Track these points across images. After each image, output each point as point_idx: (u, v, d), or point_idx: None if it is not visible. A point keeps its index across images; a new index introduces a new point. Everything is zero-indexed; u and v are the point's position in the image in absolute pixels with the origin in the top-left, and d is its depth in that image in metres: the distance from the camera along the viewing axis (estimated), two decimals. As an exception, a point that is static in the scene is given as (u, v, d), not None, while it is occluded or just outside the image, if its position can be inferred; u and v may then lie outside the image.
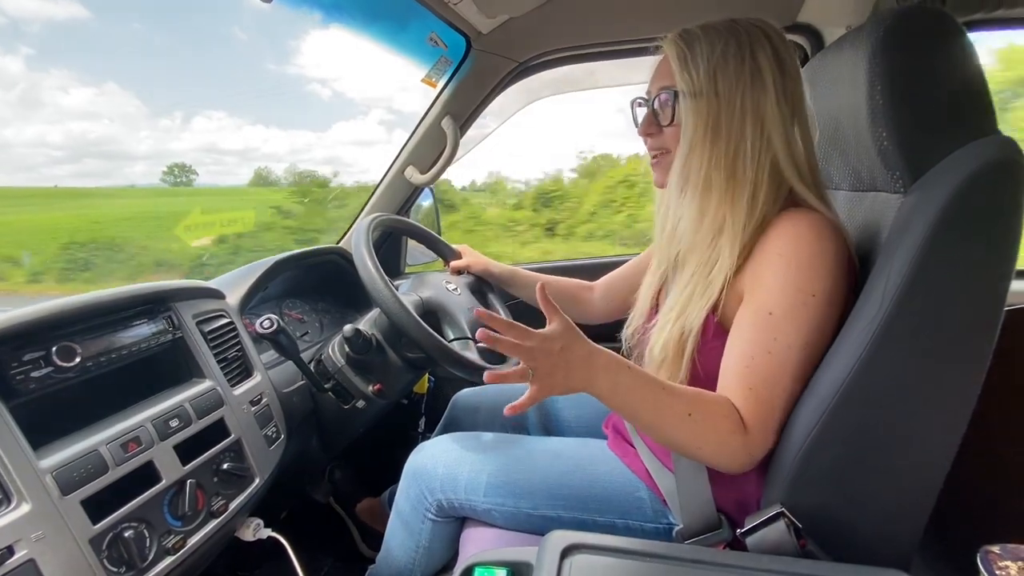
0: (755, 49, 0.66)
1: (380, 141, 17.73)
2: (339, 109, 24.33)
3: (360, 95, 25.50)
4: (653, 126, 0.74)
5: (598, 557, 0.61)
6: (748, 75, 0.65)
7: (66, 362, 0.59)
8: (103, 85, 38.71)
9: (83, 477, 0.56)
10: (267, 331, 0.81)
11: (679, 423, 0.62)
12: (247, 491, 0.75)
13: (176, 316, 0.75)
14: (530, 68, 1.22)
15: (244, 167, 22.83)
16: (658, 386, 0.62)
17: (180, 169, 6.94)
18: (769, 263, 0.63)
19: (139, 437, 0.62)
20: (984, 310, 0.56)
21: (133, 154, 21.66)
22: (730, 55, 0.65)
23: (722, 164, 0.66)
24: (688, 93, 0.67)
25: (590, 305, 1.08)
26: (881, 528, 0.62)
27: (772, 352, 0.62)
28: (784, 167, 0.66)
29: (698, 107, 0.66)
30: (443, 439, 0.93)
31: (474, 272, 1.12)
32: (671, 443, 0.65)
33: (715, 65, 0.65)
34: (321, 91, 25.92)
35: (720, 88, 0.65)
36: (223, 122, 21.45)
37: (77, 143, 5.95)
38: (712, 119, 0.66)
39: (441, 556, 0.91)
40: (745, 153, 0.66)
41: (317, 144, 16.42)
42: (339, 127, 21.21)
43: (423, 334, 0.83)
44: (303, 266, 1.15)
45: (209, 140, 21.07)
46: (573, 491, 0.79)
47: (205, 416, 0.71)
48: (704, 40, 0.67)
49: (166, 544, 0.62)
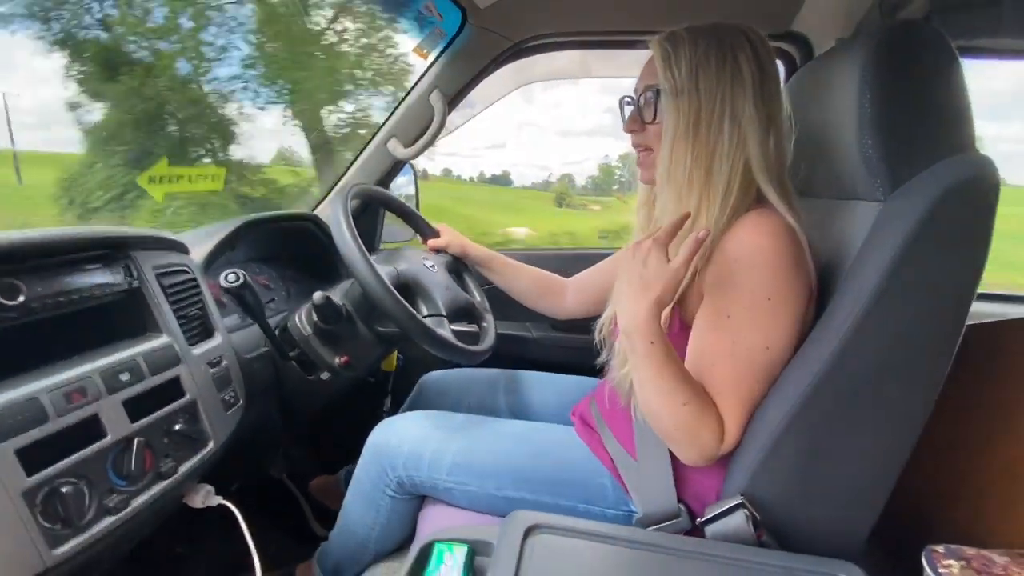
0: (736, 51, 0.67)
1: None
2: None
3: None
4: (637, 123, 0.75)
5: (559, 538, 0.61)
6: (729, 76, 0.66)
7: (8, 300, 0.55)
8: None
9: (19, 424, 0.52)
10: (232, 284, 0.77)
11: (673, 408, 0.63)
12: (199, 455, 0.71)
13: (135, 266, 0.70)
14: (524, 50, 1.20)
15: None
16: (673, 367, 0.64)
17: None
18: (727, 265, 0.65)
19: (85, 388, 0.58)
20: (948, 322, 0.59)
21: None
22: (712, 56, 0.67)
23: (702, 161, 0.67)
24: (670, 91, 0.68)
25: (562, 300, 1.08)
26: (834, 523, 0.64)
27: (733, 355, 0.64)
28: (755, 168, 0.67)
29: (679, 105, 0.67)
30: (409, 415, 0.92)
31: (452, 252, 1.11)
32: (655, 416, 0.66)
33: (697, 64, 0.67)
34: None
35: (701, 87, 0.67)
36: None
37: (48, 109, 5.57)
38: (693, 117, 0.67)
39: (398, 533, 0.89)
40: (722, 152, 0.67)
41: None
42: None
43: (398, 307, 0.81)
44: (273, 230, 1.10)
45: None
46: (537, 474, 0.79)
47: (159, 373, 0.67)
48: (688, 41, 0.68)
49: (108, 503, 0.58)
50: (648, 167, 0.76)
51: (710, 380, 0.65)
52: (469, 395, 1.08)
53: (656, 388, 0.63)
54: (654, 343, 0.62)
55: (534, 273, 1.10)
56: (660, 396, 0.63)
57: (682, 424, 0.63)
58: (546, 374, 1.12)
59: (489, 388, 1.08)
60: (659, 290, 0.62)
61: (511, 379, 1.10)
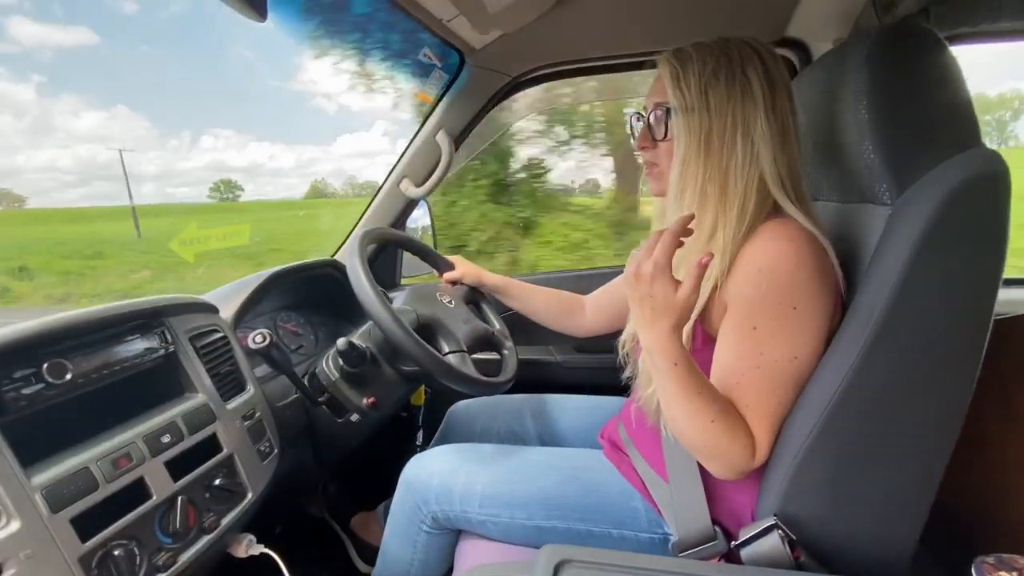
0: (745, 66, 0.67)
1: (384, 151, 17.83)
2: (343, 122, 24.64)
3: (363, 107, 25.79)
4: (648, 140, 0.76)
5: (592, 572, 0.60)
6: (739, 91, 0.67)
7: (57, 379, 0.59)
8: (113, 108, 39.26)
9: (73, 494, 0.55)
10: (259, 346, 0.81)
11: (701, 425, 0.63)
12: (239, 507, 0.74)
13: (169, 331, 0.74)
14: (524, 83, 1.23)
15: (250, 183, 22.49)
16: (699, 385, 0.63)
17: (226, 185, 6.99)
18: (750, 276, 0.64)
19: (130, 453, 0.62)
20: (972, 320, 0.57)
21: (142, 175, 22.04)
22: (721, 72, 0.67)
23: (716, 177, 0.68)
24: (680, 109, 0.68)
25: (582, 318, 1.09)
26: (875, 538, 0.62)
27: (761, 367, 0.63)
28: (770, 180, 0.67)
29: (690, 122, 0.68)
30: (438, 450, 0.93)
31: (467, 283, 1.13)
32: (683, 434, 0.66)
33: (706, 82, 0.67)
34: (326, 105, 26.21)
35: (711, 104, 0.67)
36: (230, 140, 21.70)
37: (86, 167, 6.01)
38: (704, 133, 0.67)
39: (436, 568, 0.90)
40: (736, 167, 0.67)
41: (323, 158, 16.53)
42: (343, 140, 21.17)
43: (419, 349, 0.83)
44: (298, 279, 1.15)
45: (216, 158, 21.35)
46: (568, 501, 0.79)
47: (197, 432, 0.71)
48: (696, 58, 0.68)
49: (156, 561, 0.62)
50: (658, 179, 0.77)
51: (738, 394, 0.64)
52: (497, 423, 1.09)
53: (683, 408, 0.63)
54: (677, 364, 0.62)
55: (551, 294, 1.11)
56: (687, 415, 0.63)
57: (711, 441, 0.63)
58: (573, 397, 1.12)
59: (516, 415, 1.09)
60: (674, 317, 0.61)
61: (538, 404, 1.11)
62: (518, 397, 1.13)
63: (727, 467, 0.64)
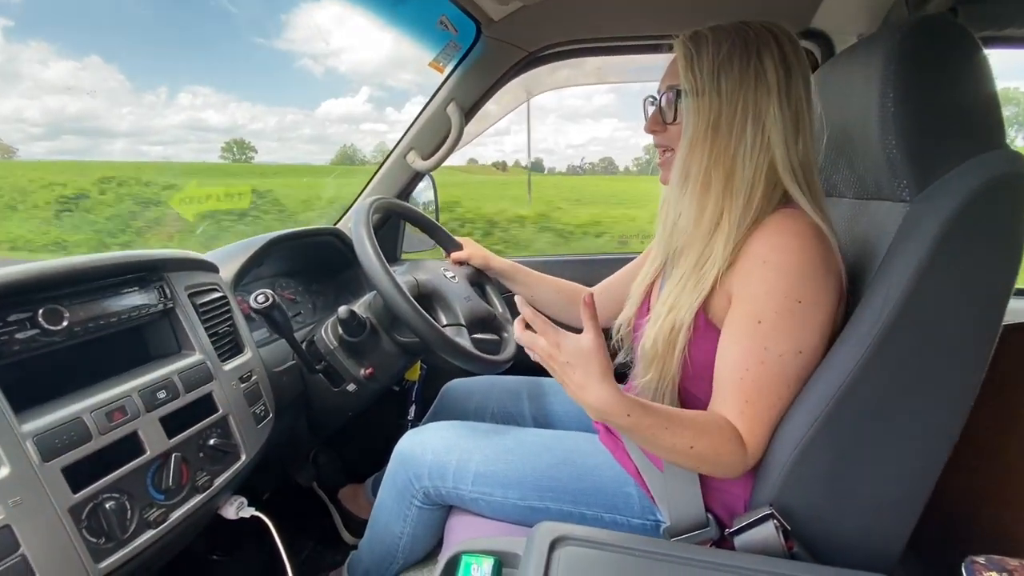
0: (761, 51, 0.66)
1: (369, 118, 17.58)
2: (330, 86, 24.25)
3: (353, 71, 25.35)
4: (658, 124, 0.75)
5: (586, 550, 0.60)
6: (752, 76, 0.66)
7: (53, 325, 0.58)
8: (85, 58, 38.33)
9: (65, 444, 0.54)
10: (262, 305, 0.79)
11: (680, 454, 0.63)
12: (233, 468, 0.73)
13: (168, 286, 0.73)
14: (539, 59, 1.21)
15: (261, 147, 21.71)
16: (658, 423, 0.61)
17: (239, 146, 6.82)
18: (755, 269, 0.64)
19: (125, 407, 0.61)
20: (983, 323, 0.57)
21: (113, 131, 21.56)
22: (735, 56, 0.66)
23: (721, 162, 0.67)
24: (690, 92, 0.67)
25: None
26: (868, 533, 0.63)
27: (765, 362, 0.63)
28: (781, 169, 0.66)
29: (699, 105, 0.67)
30: (432, 426, 0.93)
31: (474, 264, 1.11)
32: (673, 462, 0.67)
33: (719, 65, 0.66)
34: (313, 67, 25.73)
35: (722, 88, 0.66)
36: (209, 98, 21.21)
37: (55, 118, 5.85)
38: (713, 118, 0.66)
39: (426, 543, 0.90)
40: (744, 153, 0.66)
41: (305, 122, 16.29)
42: (328, 104, 20.80)
43: (418, 318, 0.82)
44: (298, 246, 1.13)
45: (194, 116, 20.93)
46: (561, 483, 0.79)
47: (193, 390, 0.70)
48: (711, 40, 0.67)
49: (148, 517, 0.61)
50: (668, 167, 0.75)
51: (740, 387, 0.64)
52: (491, 402, 1.08)
53: (659, 446, 0.63)
54: (630, 414, 0.60)
55: (558, 284, 1.10)
56: (668, 451, 0.63)
57: (699, 460, 0.63)
58: None
59: (511, 396, 1.09)
60: (596, 369, 0.58)
61: (533, 386, 1.10)
62: (513, 378, 1.13)
63: (722, 471, 0.65)
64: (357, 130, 57.02)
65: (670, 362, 0.70)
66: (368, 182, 1.35)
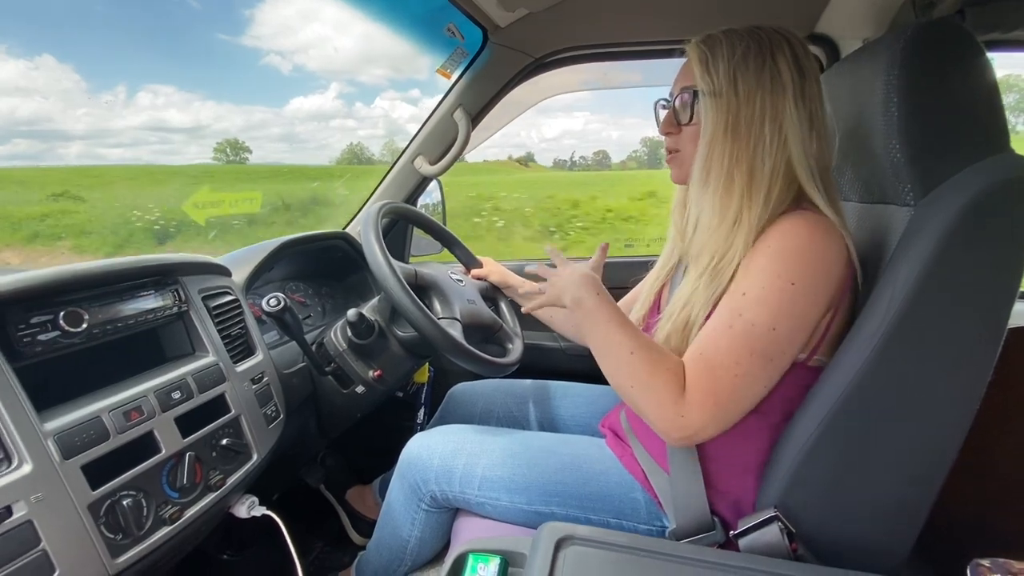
0: (775, 53, 0.67)
1: (339, 115, 17.47)
2: (298, 83, 23.99)
3: (322, 67, 25.18)
4: (672, 125, 0.75)
5: (592, 550, 0.61)
6: (768, 78, 0.66)
7: (73, 327, 0.59)
8: (37, 58, 37.66)
9: (85, 442, 0.56)
10: (274, 309, 0.81)
11: (620, 358, 0.66)
12: (244, 468, 0.75)
13: (183, 290, 0.75)
14: (545, 64, 1.22)
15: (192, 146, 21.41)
16: (616, 319, 0.69)
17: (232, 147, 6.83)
18: (759, 252, 0.64)
19: (141, 407, 0.62)
20: (987, 327, 0.57)
21: (69, 134, 21.36)
22: (751, 58, 0.67)
23: (743, 162, 0.67)
24: (708, 92, 0.68)
25: None
26: (873, 536, 0.63)
27: (733, 327, 0.62)
28: (798, 168, 0.67)
29: (718, 106, 0.67)
30: (439, 430, 0.94)
31: (492, 281, 1.13)
32: (612, 378, 0.68)
33: (735, 67, 0.67)
34: (280, 63, 25.53)
35: (740, 89, 0.67)
36: (171, 97, 20.97)
37: (5, 122, 5.85)
38: (732, 118, 0.67)
39: (433, 546, 0.91)
40: (763, 152, 0.67)
41: (273, 121, 16.19)
42: (297, 102, 20.61)
43: (431, 325, 0.83)
44: (308, 249, 1.15)
45: (156, 117, 20.69)
46: (568, 488, 0.80)
47: (207, 391, 0.71)
48: (725, 43, 0.68)
49: (163, 514, 0.62)
50: (680, 166, 0.76)
51: (702, 341, 0.64)
52: (497, 406, 1.09)
53: (608, 341, 0.67)
54: (600, 294, 0.72)
55: None
56: (610, 350, 0.67)
57: (634, 377, 0.64)
58: (574, 384, 1.12)
59: (517, 399, 1.09)
60: (593, 284, 0.73)
61: (540, 390, 1.11)
62: (519, 381, 1.13)
63: (656, 408, 0.62)
64: (327, 127, 56.41)
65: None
66: (376, 187, 1.37)
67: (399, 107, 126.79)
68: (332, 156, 17.78)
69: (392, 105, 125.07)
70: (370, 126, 36.15)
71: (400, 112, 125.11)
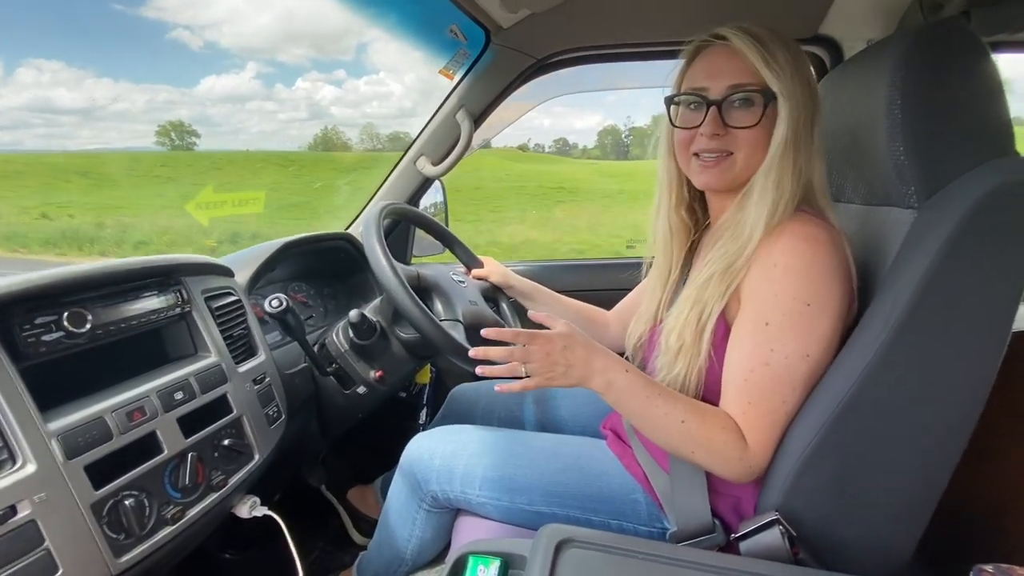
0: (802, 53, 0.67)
1: (257, 96, 17.02)
2: (211, 61, 23.19)
3: (237, 44, 24.69)
4: (719, 126, 0.68)
5: (592, 552, 0.61)
6: (813, 80, 0.66)
7: (77, 328, 0.60)
8: None
9: (88, 443, 0.56)
10: (276, 310, 0.81)
11: (671, 428, 0.64)
12: (246, 468, 0.75)
13: (186, 290, 0.75)
14: (548, 65, 1.22)
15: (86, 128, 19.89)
16: (653, 391, 0.65)
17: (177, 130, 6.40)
18: (766, 272, 0.64)
19: (144, 407, 0.63)
20: (991, 331, 0.57)
21: None
22: (802, 61, 0.66)
23: (802, 170, 0.66)
24: (782, 94, 0.65)
25: (607, 331, 1.06)
26: (875, 540, 0.63)
27: (770, 364, 0.63)
28: (816, 174, 0.68)
29: (791, 109, 0.65)
30: (440, 431, 0.94)
31: (493, 281, 1.12)
32: (666, 446, 0.67)
33: (795, 67, 0.65)
34: (190, 39, 24.81)
35: (801, 93, 0.65)
36: (59, 74, 19.63)
37: None
38: (802, 123, 0.65)
39: (434, 546, 0.91)
40: (805, 161, 0.66)
41: (181, 101, 15.62)
42: (209, 81, 19.85)
43: (432, 326, 0.83)
44: (310, 250, 1.15)
45: (41, 96, 19.43)
46: (569, 489, 0.80)
47: (209, 391, 0.71)
48: (776, 40, 0.65)
49: (165, 514, 0.63)
50: (726, 171, 0.70)
51: (744, 387, 0.64)
52: (498, 407, 1.09)
53: (651, 414, 0.64)
54: (628, 370, 0.65)
55: (577, 306, 1.08)
56: (658, 421, 0.64)
57: (690, 441, 0.64)
58: None
59: (518, 400, 1.09)
60: (584, 338, 0.66)
61: (541, 390, 1.11)
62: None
63: (722, 463, 0.64)
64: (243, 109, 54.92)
65: (696, 354, 0.68)
66: (379, 187, 1.37)
67: (323, 89, 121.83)
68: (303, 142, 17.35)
69: (315, 87, 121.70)
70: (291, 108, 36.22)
71: (324, 94, 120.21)
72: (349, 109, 29.26)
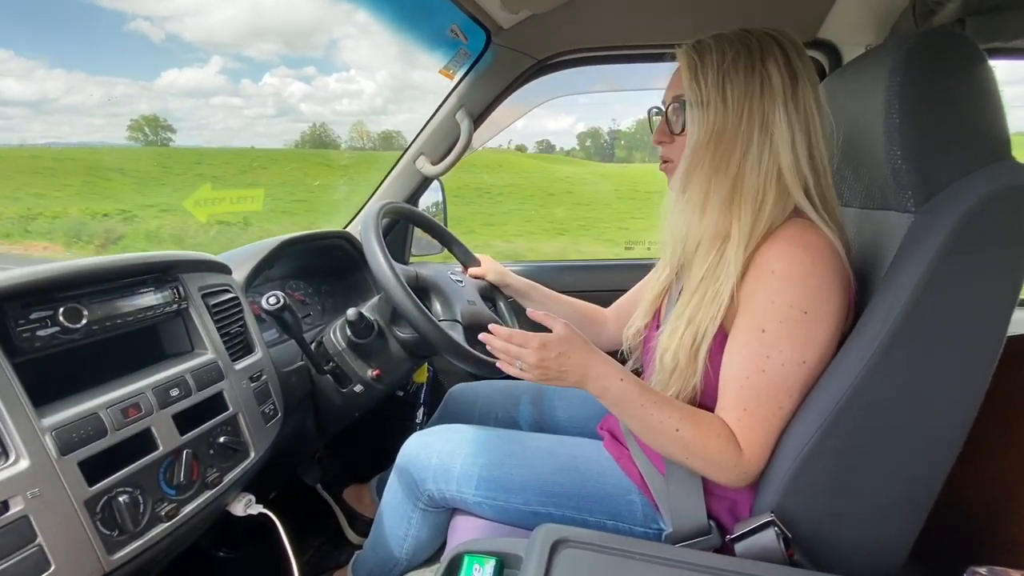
0: (765, 58, 0.66)
1: (222, 91, 16.56)
2: (172, 54, 22.36)
3: (201, 38, 24.20)
4: (665, 135, 0.75)
5: (587, 553, 0.61)
6: (757, 83, 0.65)
7: (72, 323, 0.59)
8: None
9: (82, 439, 0.56)
10: (273, 307, 0.81)
11: (666, 436, 0.65)
12: (241, 466, 0.75)
13: (183, 287, 0.75)
14: (548, 66, 1.22)
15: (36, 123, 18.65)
16: (648, 399, 0.66)
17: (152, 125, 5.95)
18: (762, 279, 0.64)
19: (139, 404, 0.62)
20: (987, 334, 0.57)
21: None
22: (740, 64, 0.66)
23: (725, 172, 0.67)
24: (695, 103, 0.67)
25: (604, 329, 1.07)
26: (870, 542, 0.63)
27: (766, 370, 0.63)
28: (788, 178, 0.66)
29: (705, 116, 0.67)
30: (437, 430, 0.94)
31: (490, 280, 1.12)
32: (661, 452, 0.69)
33: (724, 74, 0.66)
34: (150, 31, 24.06)
35: (728, 97, 0.66)
36: (7, 64, 18.65)
37: None
38: (718, 128, 0.66)
39: (430, 545, 0.91)
40: (751, 161, 0.66)
41: (140, 95, 15.02)
42: (170, 75, 19.17)
43: (430, 325, 0.83)
44: (309, 248, 1.15)
45: None
46: (564, 489, 0.80)
47: (205, 388, 0.71)
48: (715, 50, 0.67)
49: (159, 511, 0.62)
50: (673, 175, 0.75)
51: (740, 394, 0.64)
52: (496, 407, 1.09)
53: (645, 422, 0.66)
54: (623, 378, 0.67)
55: (574, 304, 1.08)
56: (653, 429, 0.65)
57: (685, 448, 0.64)
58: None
59: (516, 400, 1.09)
60: (583, 343, 0.68)
61: (537, 391, 1.11)
62: (517, 383, 1.13)
63: (719, 474, 0.65)
64: (207, 105, 53.57)
65: (691, 373, 0.69)
66: (377, 186, 1.37)
67: (291, 85, 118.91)
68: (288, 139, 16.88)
69: (283, 83, 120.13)
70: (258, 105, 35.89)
71: (293, 90, 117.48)
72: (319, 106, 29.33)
